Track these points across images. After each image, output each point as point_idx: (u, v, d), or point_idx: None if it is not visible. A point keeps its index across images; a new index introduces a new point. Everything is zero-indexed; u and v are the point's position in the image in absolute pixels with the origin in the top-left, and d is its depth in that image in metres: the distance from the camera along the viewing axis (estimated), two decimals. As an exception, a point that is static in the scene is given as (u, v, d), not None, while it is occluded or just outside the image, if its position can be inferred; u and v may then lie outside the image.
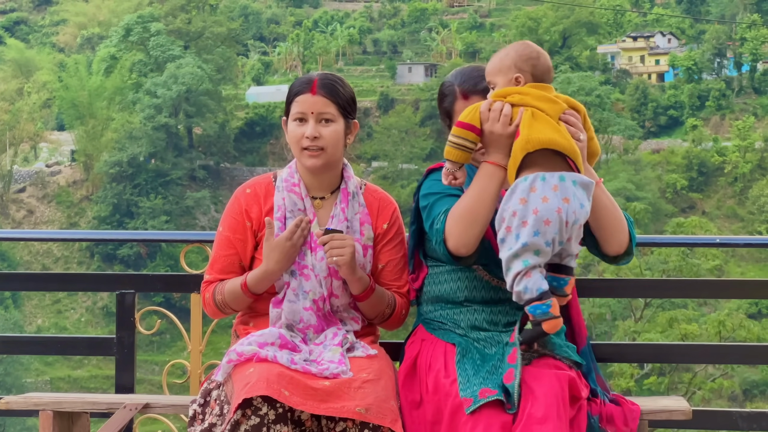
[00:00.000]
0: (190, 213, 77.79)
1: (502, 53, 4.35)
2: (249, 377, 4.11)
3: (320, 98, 4.49)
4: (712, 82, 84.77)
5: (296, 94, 4.53)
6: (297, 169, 4.61)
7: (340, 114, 4.52)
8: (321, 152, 4.50)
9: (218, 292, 4.55)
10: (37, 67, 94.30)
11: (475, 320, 4.46)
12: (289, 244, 4.43)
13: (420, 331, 4.57)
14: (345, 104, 4.53)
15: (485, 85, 4.45)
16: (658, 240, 7.32)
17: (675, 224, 56.49)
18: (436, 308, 4.55)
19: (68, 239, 16.28)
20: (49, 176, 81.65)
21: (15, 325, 63.28)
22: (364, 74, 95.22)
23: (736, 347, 5.84)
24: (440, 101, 4.63)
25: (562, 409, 4.07)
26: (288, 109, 4.56)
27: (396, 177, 79.36)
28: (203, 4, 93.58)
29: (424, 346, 4.46)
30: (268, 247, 4.44)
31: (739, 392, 50.45)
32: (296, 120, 4.52)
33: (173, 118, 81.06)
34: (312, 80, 4.52)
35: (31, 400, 4.78)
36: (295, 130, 4.52)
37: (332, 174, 4.61)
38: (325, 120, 4.50)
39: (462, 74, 4.58)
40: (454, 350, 4.36)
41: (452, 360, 4.31)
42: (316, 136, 4.48)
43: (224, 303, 4.55)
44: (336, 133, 4.51)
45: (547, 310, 4.12)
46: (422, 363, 4.39)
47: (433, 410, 4.23)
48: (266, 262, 4.45)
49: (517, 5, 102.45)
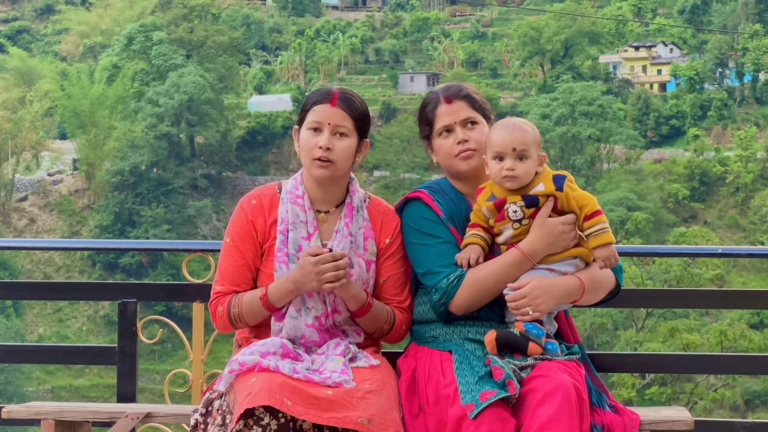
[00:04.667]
0: (192, 222, 77.75)
1: (527, 127, 4.42)
2: (251, 387, 4.10)
3: (339, 111, 4.47)
4: (714, 92, 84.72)
5: (315, 103, 4.50)
6: (302, 181, 4.59)
7: (355, 130, 4.51)
8: (330, 164, 4.47)
9: (234, 305, 4.49)
10: (39, 75, 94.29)
11: (468, 332, 4.47)
12: (315, 269, 4.36)
13: (412, 348, 4.59)
14: (361, 121, 4.52)
15: (468, 92, 4.54)
16: (660, 250, 7.32)
17: (677, 234, 56.40)
18: (428, 326, 4.56)
19: (70, 248, 16.22)
20: (50, 185, 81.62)
21: (16, 333, 63.19)
22: (366, 83, 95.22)
23: (738, 357, 5.84)
24: (422, 111, 4.65)
25: (574, 410, 4.10)
26: (302, 117, 4.53)
27: (398, 186, 79.30)
28: (205, 13, 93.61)
29: (419, 358, 4.46)
30: (302, 260, 4.40)
31: (741, 402, 50.35)
32: (311, 129, 4.49)
33: (175, 126, 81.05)
34: (332, 92, 4.50)
35: (32, 409, 4.78)
36: (308, 139, 4.49)
37: (338, 188, 4.58)
38: (340, 133, 4.48)
39: (444, 86, 4.63)
40: (450, 358, 4.37)
41: (449, 367, 4.31)
42: (329, 148, 4.45)
43: (239, 316, 4.50)
44: (349, 148, 4.49)
45: (541, 335, 4.30)
46: (421, 374, 4.39)
47: (436, 421, 4.24)
48: (294, 273, 4.43)
49: (519, 15, 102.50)
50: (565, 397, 4.09)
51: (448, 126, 4.54)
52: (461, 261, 4.40)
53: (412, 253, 4.52)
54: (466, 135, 4.51)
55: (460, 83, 4.62)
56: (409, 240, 4.52)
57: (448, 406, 4.19)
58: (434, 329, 4.53)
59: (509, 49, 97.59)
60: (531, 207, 4.38)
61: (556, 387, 4.11)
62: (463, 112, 4.54)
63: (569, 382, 4.14)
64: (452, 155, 4.53)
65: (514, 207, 4.38)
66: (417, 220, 4.50)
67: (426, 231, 4.48)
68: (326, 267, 4.35)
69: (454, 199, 4.56)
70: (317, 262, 4.34)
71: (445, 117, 4.54)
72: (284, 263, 4.48)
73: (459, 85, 4.61)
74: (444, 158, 4.57)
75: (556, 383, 4.13)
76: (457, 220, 4.51)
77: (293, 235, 4.50)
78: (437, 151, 4.60)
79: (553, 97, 79.40)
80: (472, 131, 4.53)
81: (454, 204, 4.54)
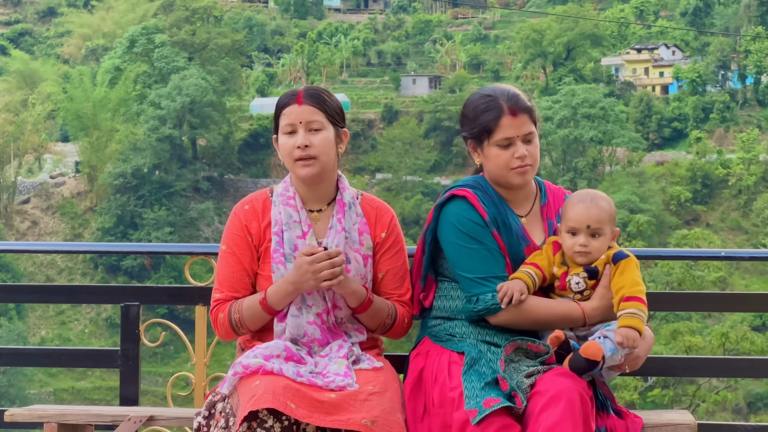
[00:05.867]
0: (194, 224, 77.76)
1: (604, 203, 4.46)
2: (255, 390, 4.10)
3: (307, 107, 4.49)
4: (716, 94, 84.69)
5: (283, 107, 4.53)
6: (292, 183, 4.61)
7: (328, 121, 4.52)
8: (314, 161, 4.49)
9: (235, 311, 4.50)
10: (41, 78, 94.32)
11: (486, 334, 4.48)
12: (311, 268, 4.38)
13: (426, 343, 4.58)
14: (332, 112, 4.53)
15: (528, 105, 4.53)
16: (663, 253, 7.34)
17: (679, 236, 56.35)
18: (445, 322, 4.56)
19: (72, 251, 16.19)
20: (53, 187, 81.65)
21: (19, 336, 63.21)
22: (368, 86, 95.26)
23: (741, 360, 5.85)
24: (477, 114, 4.55)
25: (578, 415, 4.12)
26: (277, 124, 4.56)
27: (400, 189, 79.32)
28: (207, 16, 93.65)
29: (429, 357, 4.47)
30: (299, 260, 4.41)
31: (744, 405, 50.33)
32: (286, 133, 4.51)
33: (177, 129, 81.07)
34: (297, 92, 4.52)
35: (35, 412, 4.78)
36: (286, 142, 4.51)
37: (327, 185, 4.60)
38: (314, 129, 4.50)
39: (504, 93, 4.54)
40: (459, 360, 4.38)
41: (457, 371, 4.32)
42: (306, 145, 4.47)
43: (240, 321, 4.50)
44: (326, 140, 4.50)
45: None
46: (428, 375, 4.40)
47: (440, 423, 4.25)
48: (292, 274, 4.43)
49: (521, 17, 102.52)
50: (569, 402, 4.10)
51: (510, 139, 4.50)
52: (501, 294, 4.40)
53: (454, 253, 4.50)
54: (526, 150, 4.49)
55: (516, 91, 4.56)
56: (451, 239, 4.50)
57: (453, 409, 4.20)
58: (454, 327, 4.53)
59: (511, 52, 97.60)
60: (592, 279, 4.44)
61: (560, 392, 4.13)
62: (526, 127, 4.51)
63: (573, 387, 4.16)
64: (509, 168, 4.50)
65: (576, 279, 4.43)
66: (463, 220, 4.48)
67: (471, 234, 4.46)
68: (322, 265, 4.36)
69: (496, 202, 4.54)
70: (313, 261, 4.36)
71: (509, 129, 4.49)
72: (281, 264, 4.49)
73: (518, 95, 4.54)
74: (497, 168, 4.52)
75: (560, 388, 4.14)
76: (499, 224, 4.51)
77: (288, 235, 4.51)
78: (489, 159, 4.53)
79: (555, 100, 79.41)
80: (530, 145, 4.51)
81: (496, 207, 4.52)
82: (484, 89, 4.61)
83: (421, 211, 75.66)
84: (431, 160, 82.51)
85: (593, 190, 4.54)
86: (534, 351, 4.38)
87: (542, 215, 4.63)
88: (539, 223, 4.61)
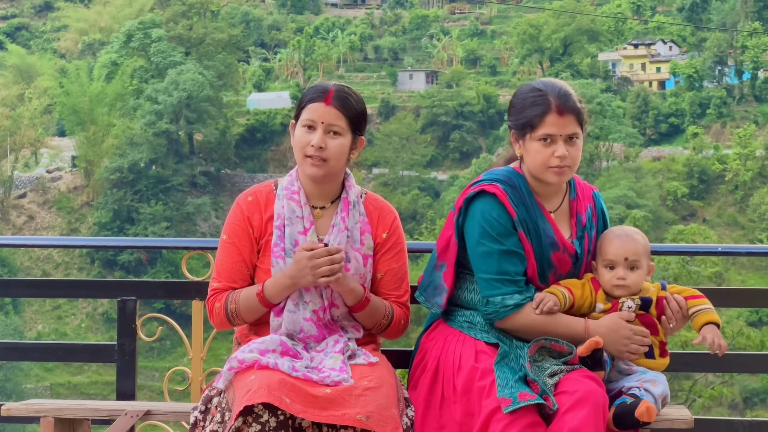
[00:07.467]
0: (191, 219, 77.75)
1: (639, 237, 4.51)
2: (250, 384, 4.10)
3: (333, 110, 4.45)
4: (713, 89, 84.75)
5: (309, 101, 4.49)
6: (298, 177, 4.58)
7: (349, 128, 4.48)
8: (323, 163, 4.46)
9: (231, 301, 4.49)
10: (38, 72, 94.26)
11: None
12: (310, 263, 4.36)
13: (441, 328, 4.56)
14: (356, 119, 4.49)
15: (577, 106, 4.51)
16: (659, 248, 7.32)
17: (675, 232, 56.45)
18: (469, 312, 4.54)
19: (69, 246, 16.22)
20: (49, 182, 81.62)
21: (15, 330, 63.19)
22: (365, 81, 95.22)
23: (737, 356, 5.84)
24: (525, 107, 4.54)
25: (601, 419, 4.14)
26: (298, 113, 4.52)
27: (396, 184, 79.33)
28: (204, 11, 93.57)
29: (447, 343, 4.45)
30: (298, 255, 4.40)
31: (740, 400, 50.37)
32: (305, 126, 4.47)
33: (174, 124, 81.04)
34: (328, 90, 4.47)
35: (32, 406, 4.77)
36: (302, 136, 4.48)
37: (333, 184, 4.58)
38: (333, 132, 4.46)
39: (556, 90, 4.51)
40: (486, 349, 4.38)
41: (486, 360, 4.32)
42: (321, 147, 4.44)
43: (236, 312, 4.49)
44: (342, 146, 4.47)
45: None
46: (447, 362, 4.39)
47: (462, 411, 4.25)
48: (290, 268, 4.42)
49: (518, 12, 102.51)
50: (594, 406, 4.12)
51: (552, 137, 4.45)
52: (537, 301, 4.40)
53: (475, 251, 4.47)
54: (567, 151, 4.44)
55: (567, 89, 4.52)
56: (474, 237, 4.45)
57: (482, 397, 4.20)
58: (475, 316, 4.51)
59: (508, 47, 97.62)
60: (643, 309, 4.47)
61: (587, 394, 4.14)
62: (570, 128, 4.47)
63: (598, 390, 4.19)
64: (546, 165, 4.45)
65: (630, 303, 4.46)
66: (489, 220, 4.43)
67: (495, 234, 4.42)
68: (321, 261, 4.35)
69: (527, 200, 4.49)
70: (312, 256, 4.35)
71: (553, 127, 4.44)
72: (281, 258, 4.48)
73: (568, 94, 4.50)
74: (535, 164, 4.46)
75: (587, 390, 4.16)
76: (529, 226, 4.47)
77: (290, 230, 4.50)
78: (530, 153, 4.49)
79: (552, 95, 79.37)
80: (572, 147, 4.46)
81: (525, 206, 4.48)
82: (537, 82, 4.57)
83: (417, 206, 75.69)
84: (428, 155, 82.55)
85: (627, 226, 4.60)
86: (558, 350, 4.37)
87: (571, 210, 4.60)
88: (568, 219, 4.58)
